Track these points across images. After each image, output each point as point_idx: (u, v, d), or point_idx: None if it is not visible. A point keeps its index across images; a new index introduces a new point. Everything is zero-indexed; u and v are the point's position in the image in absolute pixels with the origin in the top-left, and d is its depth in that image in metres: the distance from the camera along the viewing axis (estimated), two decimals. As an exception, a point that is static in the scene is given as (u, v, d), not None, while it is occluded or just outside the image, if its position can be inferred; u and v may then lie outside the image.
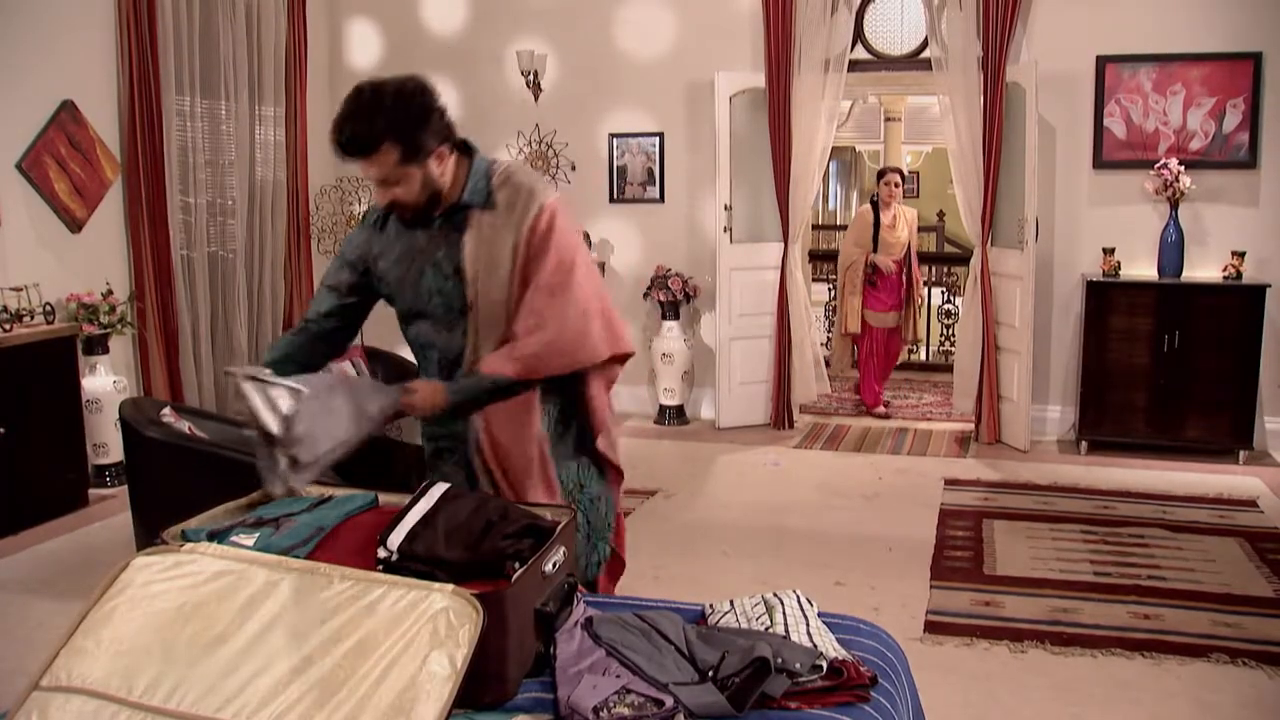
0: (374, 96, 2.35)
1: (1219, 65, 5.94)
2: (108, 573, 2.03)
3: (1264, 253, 5.97)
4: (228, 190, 6.53)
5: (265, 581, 1.97)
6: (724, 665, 2.04)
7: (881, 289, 7.02)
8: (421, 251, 2.48)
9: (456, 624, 1.85)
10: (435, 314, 2.51)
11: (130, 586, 2.00)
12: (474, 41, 7.30)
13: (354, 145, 2.33)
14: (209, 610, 1.93)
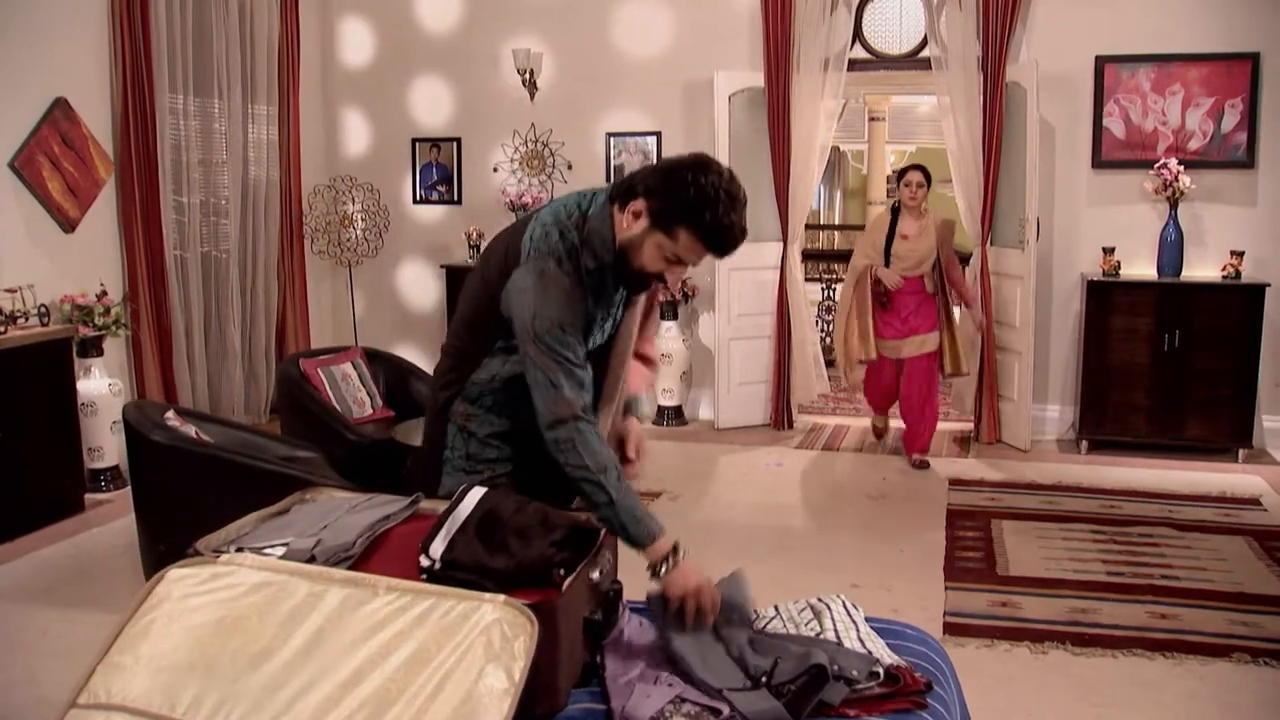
0: (736, 184, 2.17)
1: (1217, 66, 5.96)
2: (143, 586, 1.97)
3: (1262, 252, 5.99)
4: (220, 190, 6.44)
5: (308, 593, 1.92)
6: (778, 671, 2.00)
7: (893, 310, 5.74)
8: (610, 306, 2.38)
9: (511, 635, 1.80)
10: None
11: (167, 600, 1.94)
12: (469, 40, 7.24)
13: (740, 242, 2.20)
14: (251, 624, 1.87)
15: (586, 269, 2.25)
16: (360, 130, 7.55)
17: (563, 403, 2.20)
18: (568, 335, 2.21)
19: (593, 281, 2.27)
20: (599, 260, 2.25)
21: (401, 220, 7.46)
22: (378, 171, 7.38)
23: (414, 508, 2.29)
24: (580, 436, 2.19)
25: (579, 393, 2.23)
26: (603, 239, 2.25)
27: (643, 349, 2.62)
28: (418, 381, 5.51)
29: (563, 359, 2.21)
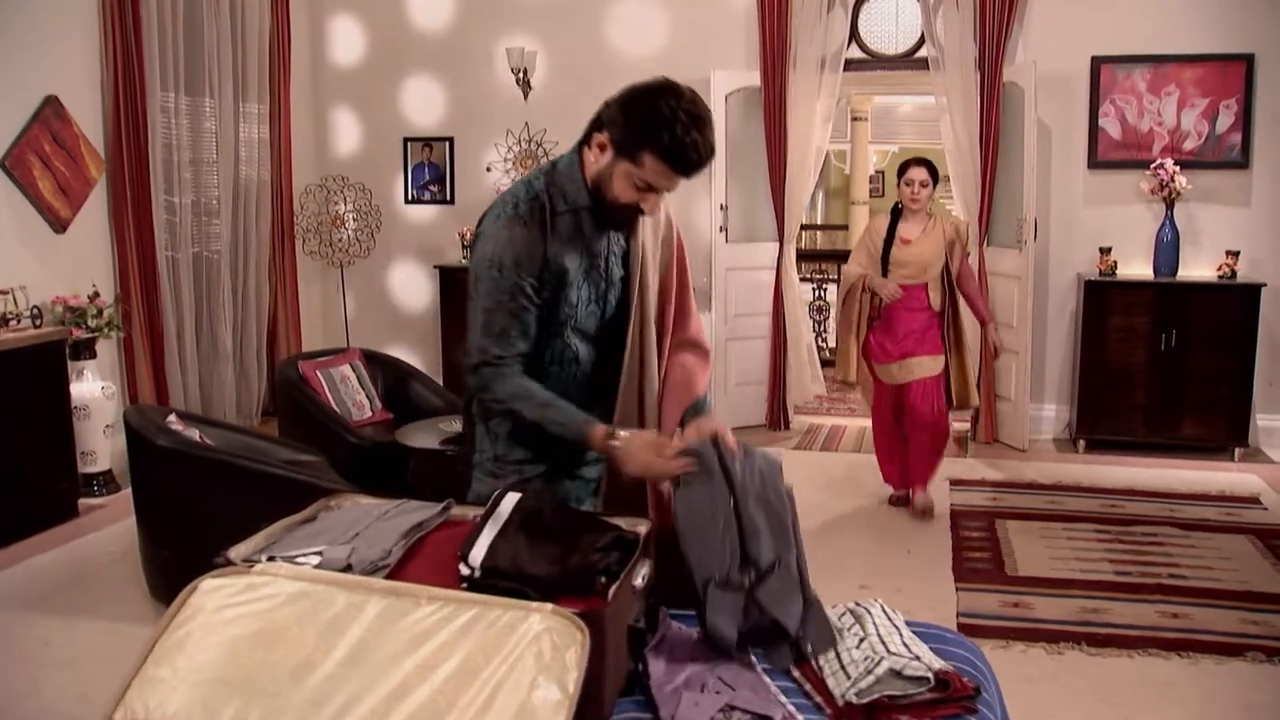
0: (698, 103, 2.15)
1: (1212, 66, 5.99)
2: (178, 596, 1.92)
3: (1257, 252, 6.03)
4: (211, 189, 6.35)
5: (347, 604, 1.87)
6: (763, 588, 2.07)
7: (890, 327, 4.83)
8: (594, 256, 2.27)
9: (561, 646, 1.76)
10: (585, 324, 2.31)
11: (201, 611, 1.90)
12: (462, 38, 7.18)
13: (708, 160, 2.14)
14: (290, 635, 1.83)
15: (554, 211, 2.19)
16: (351, 129, 7.47)
17: (481, 347, 2.23)
18: (504, 276, 2.17)
19: (565, 225, 2.21)
20: (571, 203, 2.20)
21: (393, 220, 7.39)
22: (369, 171, 7.31)
23: (446, 514, 2.25)
24: (492, 378, 2.24)
25: (507, 340, 2.20)
26: (573, 180, 2.21)
27: (686, 334, 2.47)
28: (416, 384, 5.47)
29: (491, 301, 2.19)
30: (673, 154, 2.07)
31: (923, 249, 4.80)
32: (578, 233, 2.23)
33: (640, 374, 2.35)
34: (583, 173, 2.21)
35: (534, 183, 2.25)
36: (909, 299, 4.81)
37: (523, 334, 2.24)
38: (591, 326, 2.32)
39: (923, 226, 4.83)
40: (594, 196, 2.20)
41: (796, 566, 2.15)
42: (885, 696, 1.92)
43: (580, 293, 2.27)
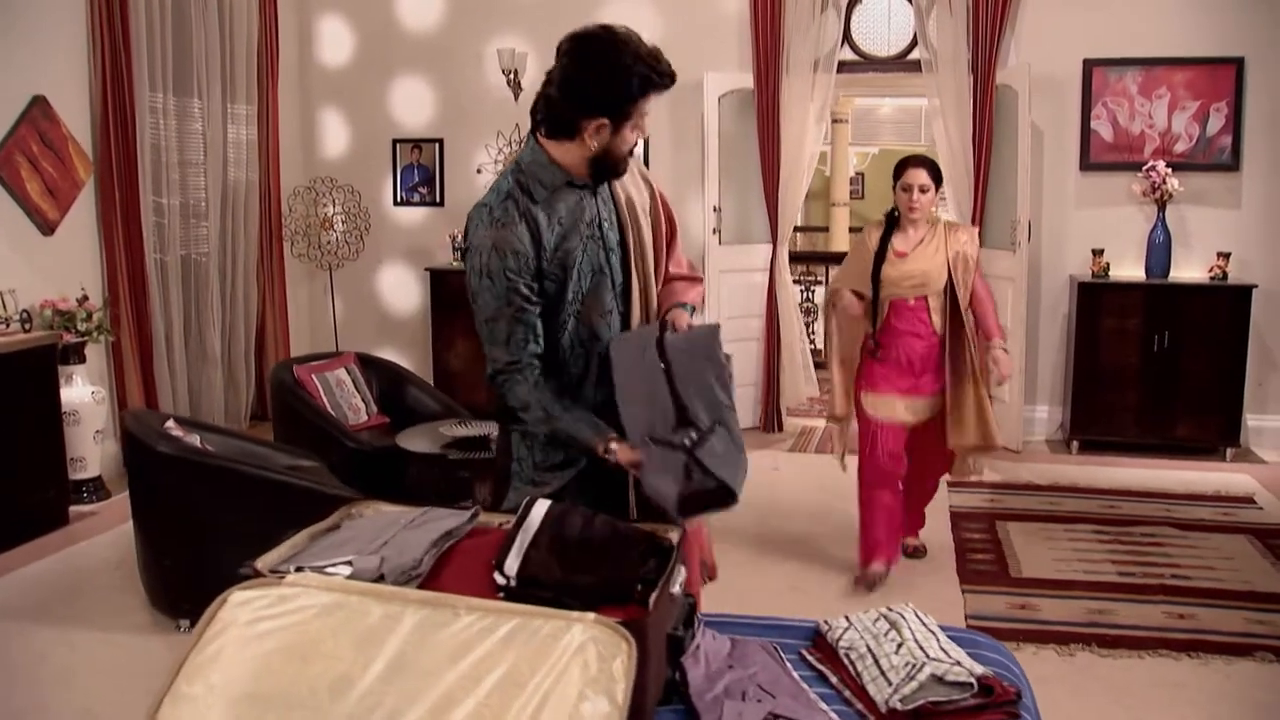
0: (626, 31, 2.31)
1: (1202, 70, 6.03)
2: (207, 609, 1.87)
3: (1246, 254, 6.08)
4: (199, 191, 6.26)
5: (383, 615, 1.83)
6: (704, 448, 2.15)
7: (890, 357, 4.07)
8: (588, 226, 2.29)
9: (607, 656, 1.73)
10: (594, 300, 2.30)
11: (233, 625, 1.85)
12: (451, 39, 7.12)
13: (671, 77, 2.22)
14: (326, 649, 1.78)
15: (535, 200, 2.23)
16: (339, 131, 7.40)
17: (492, 358, 2.29)
18: (496, 283, 2.21)
19: (557, 206, 2.25)
20: (550, 185, 2.25)
21: (382, 222, 7.32)
22: (358, 173, 7.24)
23: (474, 521, 2.22)
24: (505, 388, 2.29)
25: (514, 345, 2.24)
26: (543, 166, 2.25)
27: (678, 271, 2.54)
28: (412, 387, 5.41)
29: (490, 311, 2.24)
30: (659, 81, 2.20)
31: (920, 264, 3.99)
32: (569, 211, 2.27)
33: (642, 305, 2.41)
34: (549, 157, 2.25)
35: (501, 185, 2.30)
36: (906, 319, 4.02)
37: (529, 336, 2.26)
38: (605, 298, 2.32)
39: (921, 237, 4.04)
40: (595, 169, 2.25)
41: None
42: (929, 703, 1.91)
43: (581, 269, 2.28)
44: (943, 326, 4.05)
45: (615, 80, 2.16)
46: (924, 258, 4.02)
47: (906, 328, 4.05)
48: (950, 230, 4.10)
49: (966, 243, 4.08)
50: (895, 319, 4.05)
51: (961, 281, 4.02)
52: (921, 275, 4.01)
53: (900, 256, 4.04)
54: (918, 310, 4.04)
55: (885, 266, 4.02)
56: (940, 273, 4.01)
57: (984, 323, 4.10)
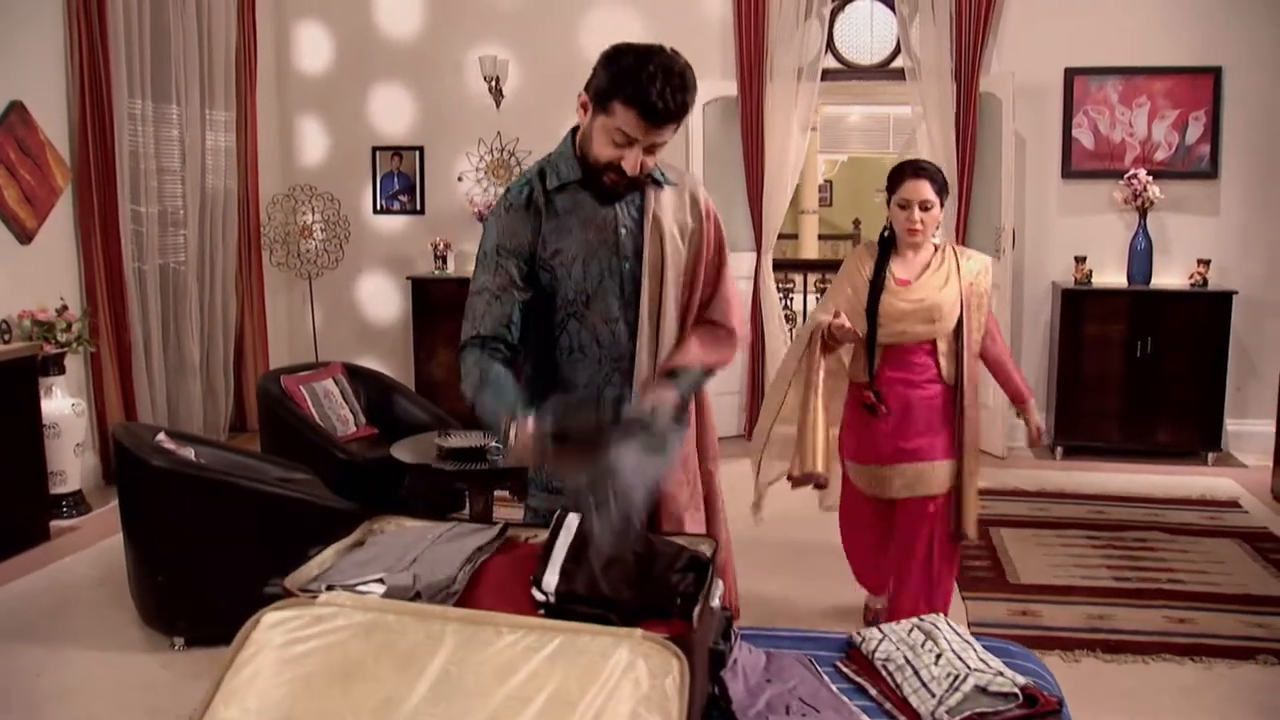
0: (677, 60, 2.11)
1: (1181, 79, 6.12)
2: (240, 631, 1.82)
3: (1225, 261, 6.17)
4: (178, 199, 6.16)
5: (424, 635, 1.79)
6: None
7: (887, 419, 3.31)
8: (600, 229, 2.21)
9: (658, 673, 1.70)
10: (599, 305, 2.22)
11: (268, 646, 1.80)
12: (432, 46, 7.06)
13: (678, 112, 2.09)
14: (367, 669, 1.74)
15: (546, 190, 2.20)
16: (318, 138, 7.31)
17: (463, 331, 2.23)
18: (488, 259, 2.21)
19: (561, 202, 2.20)
20: (563, 178, 2.20)
21: (362, 231, 7.24)
22: (337, 181, 7.15)
23: (503, 536, 2.17)
24: (462, 362, 2.21)
25: (483, 322, 2.20)
26: (565, 156, 2.22)
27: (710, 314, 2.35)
28: (400, 398, 5.35)
29: (477, 285, 2.22)
30: (640, 100, 2.04)
31: (929, 294, 3.24)
32: (576, 208, 2.21)
33: (655, 352, 2.26)
34: (575, 147, 2.22)
35: (531, 169, 2.28)
36: (907, 364, 3.29)
37: (504, 317, 2.20)
38: (613, 305, 2.23)
39: (926, 263, 3.30)
40: (585, 169, 2.19)
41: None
42: (975, 714, 1.89)
43: (588, 270, 2.21)
44: (954, 375, 3.29)
45: (606, 66, 2.11)
46: (931, 287, 3.25)
47: (905, 375, 3.28)
48: (961, 256, 3.34)
49: (980, 274, 3.31)
50: (890, 366, 3.27)
51: (975, 321, 3.28)
52: (929, 309, 3.23)
53: (904, 285, 3.27)
54: (920, 353, 3.28)
55: (886, 297, 3.23)
56: (952, 307, 3.24)
57: (1010, 381, 3.49)
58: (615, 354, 2.25)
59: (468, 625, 1.80)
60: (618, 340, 2.24)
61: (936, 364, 3.30)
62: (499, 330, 2.19)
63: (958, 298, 3.25)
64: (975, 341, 3.29)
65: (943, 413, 3.32)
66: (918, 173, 3.25)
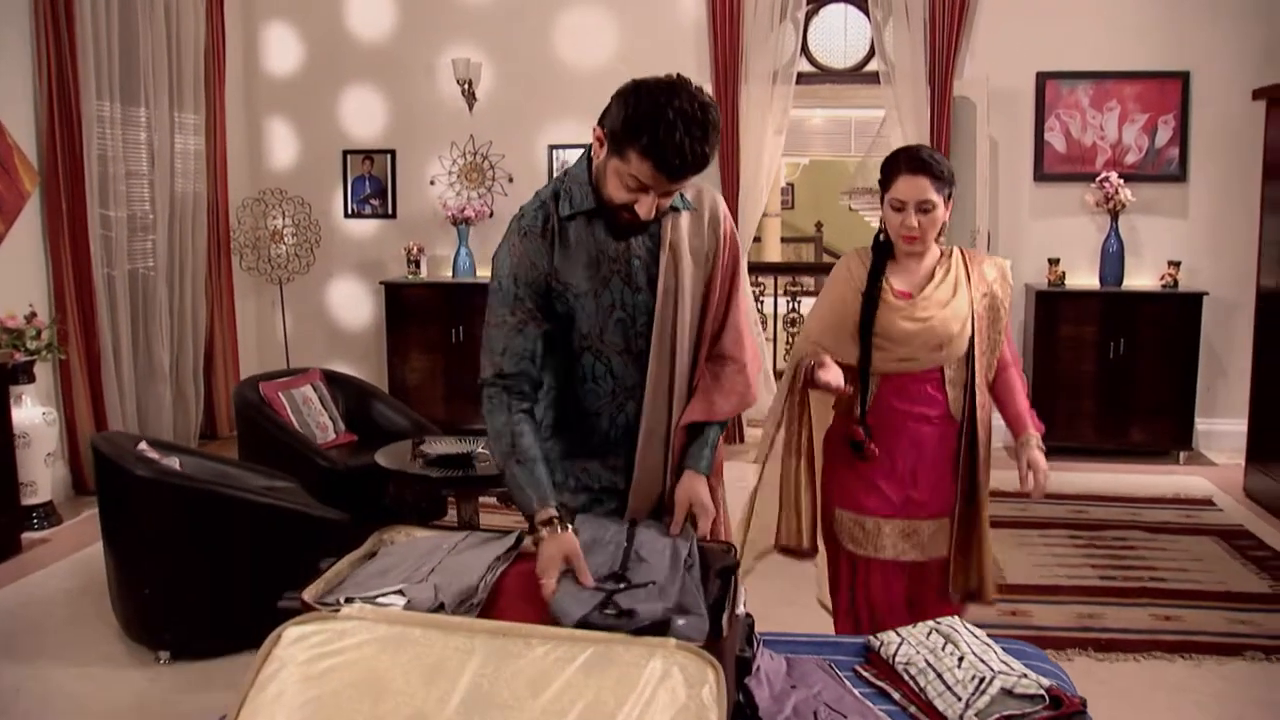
0: (698, 100, 1.93)
1: (1151, 83, 6.21)
2: (261, 648, 1.77)
3: (1194, 262, 6.26)
4: (146, 203, 6.04)
5: (452, 647, 1.75)
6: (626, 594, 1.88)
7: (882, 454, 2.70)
8: (613, 261, 2.12)
9: (695, 683, 1.67)
10: (612, 337, 2.14)
11: (291, 662, 1.75)
12: (403, 48, 6.99)
13: (697, 166, 1.94)
14: (396, 684, 1.70)
15: (560, 217, 2.09)
16: (288, 141, 7.21)
17: (482, 366, 2.17)
18: (504, 290, 2.11)
19: (573, 231, 2.10)
20: (576, 206, 2.09)
21: (332, 235, 7.15)
22: (307, 184, 7.06)
23: (519, 545, 2.14)
24: (488, 403, 2.15)
25: (507, 358, 2.11)
26: (580, 182, 2.09)
27: (721, 347, 2.24)
28: (379, 404, 5.29)
29: (496, 318, 2.13)
30: (655, 153, 1.90)
31: (935, 310, 2.66)
32: (587, 238, 2.11)
33: (669, 385, 2.18)
34: (590, 172, 2.09)
35: (543, 192, 2.16)
36: (906, 394, 2.70)
37: (525, 354, 2.12)
38: (620, 338, 2.15)
39: (930, 270, 2.72)
40: (599, 200, 2.08)
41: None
42: (1003, 716, 1.89)
43: (599, 303, 2.12)
44: (963, 407, 2.70)
45: (622, 105, 1.94)
46: (936, 302, 2.67)
47: (909, 407, 2.70)
48: (972, 262, 2.75)
49: (996, 281, 2.73)
50: (893, 395, 2.69)
51: (988, 341, 2.70)
52: (935, 329, 2.64)
53: (904, 298, 2.68)
54: (926, 381, 2.69)
55: (883, 313, 2.66)
56: (963, 325, 2.66)
57: (1011, 405, 2.77)
58: (628, 383, 2.17)
59: (496, 637, 1.76)
60: (629, 370, 2.16)
61: (944, 394, 2.69)
62: (523, 366, 2.11)
63: (969, 313, 2.66)
64: (988, 366, 2.70)
65: (949, 454, 2.71)
66: (915, 166, 2.63)
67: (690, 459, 2.20)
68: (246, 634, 3.55)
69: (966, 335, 2.67)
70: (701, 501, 2.15)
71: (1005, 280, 2.75)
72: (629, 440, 2.18)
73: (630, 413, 2.18)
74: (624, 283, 2.13)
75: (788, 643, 2.23)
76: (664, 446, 2.18)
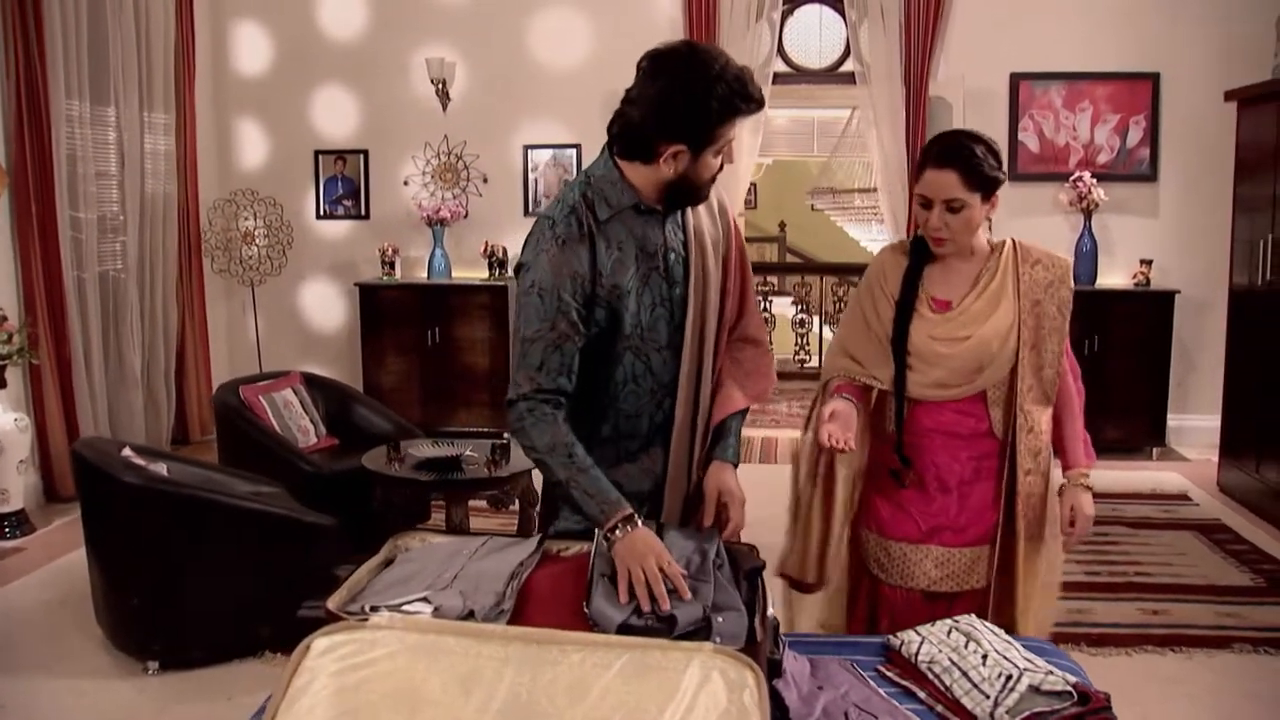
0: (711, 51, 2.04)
1: (1122, 84, 6.30)
2: (291, 660, 1.73)
3: (1165, 261, 6.36)
4: (116, 204, 5.92)
5: (486, 655, 1.73)
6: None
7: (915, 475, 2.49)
8: (650, 258, 2.13)
9: (736, 687, 1.66)
10: (654, 334, 2.14)
11: (321, 674, 1.71)
12: (376, 47, 6.92)
13: (760, 103, 2.04)
14: (432, 694, 1.67)
15: (598, 219, 2.08)
16: (258, 142, 7.10)
17: (517, 381, 2.09)
18: (546, 302, 2.05)
19: (614, 230, 2.10)
20: (615, 205, 2.09)
21: (305, 236, 7.06)
22: (278, 185, 6.96)
23: (541, 549, 2.12)
24: (529, 418, 2.07)
25: (546, 373, 2.06)
26: (612, 183, 2.09)
27: (746, 330, 2.29)
28: (360, 407, 5.22)
29: (532, 331, 2.06)
30: (748, 106, 2.01)
31: (975, 327, 2.40)
32: (628, 236, 2.12)
33: (696, 375, 2.20)
34: (621, 175, 2.09)
35: (568, 197, 2.14)
36: (944, 413, 2.45)
37: (563, 368, 2.08)
38: (663, 333, 2.16)
39: (976, 274, 2.44)
40: (671, 193, 2.09)
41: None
42: (1034, 713, 1.90)
43: (641, 301, 2.12)
44: (1006, 426, 2.45)
45: (695, 104, 1.97)
46: (975, 316, 2.40)
47: (944, 426, 2.46)
48: (1024, 261, 2.44)
49: (1052, 285, 2.44)
50: (925, 414, 2.46)
51: (1044, 355, 2.41)
52: (977, 349, 2.39)
53: (941, 308, 2.43)
54: (968, 405, 2.44)
55: (917, 327, 2.41)
56: (1004, 341, 2.39)
57: (1059, 428, 2.53)
58: (665, 380, 2.18)
59: (530, 644, 1.74)
60: (666, 366, 2.17)
61: (986, 413, 2.44)
62: (559, 382, 2.08)
63: (1012, 326, 2.38)
64: (1048, 382, 2.42)
65: (991, 478, 2.47)
66: (943, 160, 2.34)
67: (718, 449, 2.22)
68: (237, 642, 3.53)
69: (1009, 353, 2.39)
70: (731, 490, 2.16)
71: (1062, 285, 2.44)
72: (664, 439, 2.19)
73: (667, 409, 2.19)
74: (662, 278, 2.14)
75: (806, 644, 2.22)
76: (692, 440, 2.20)
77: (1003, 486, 2.47)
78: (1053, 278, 2.43)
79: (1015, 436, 2.42)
